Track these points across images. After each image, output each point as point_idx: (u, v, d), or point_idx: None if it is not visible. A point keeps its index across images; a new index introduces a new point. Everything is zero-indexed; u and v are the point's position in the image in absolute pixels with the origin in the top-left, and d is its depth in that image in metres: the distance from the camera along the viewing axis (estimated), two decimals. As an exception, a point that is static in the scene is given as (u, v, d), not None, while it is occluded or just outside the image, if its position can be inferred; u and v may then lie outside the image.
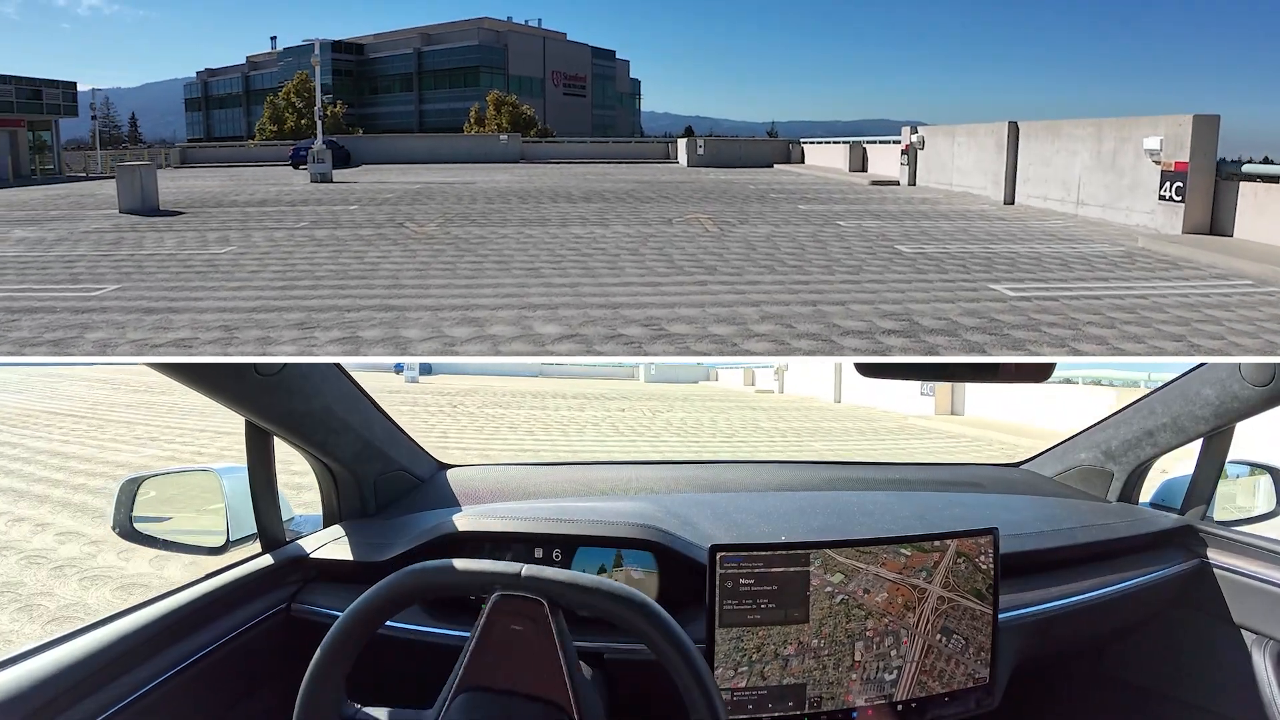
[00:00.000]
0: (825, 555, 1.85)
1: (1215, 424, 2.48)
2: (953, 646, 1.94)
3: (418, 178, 23.79)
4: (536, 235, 11.61)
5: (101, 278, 9.13)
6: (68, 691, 1.45)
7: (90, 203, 18.12)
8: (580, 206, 15.39)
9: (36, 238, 12.69)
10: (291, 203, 16.75)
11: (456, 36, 64.38)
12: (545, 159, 35.26)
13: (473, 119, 47.88)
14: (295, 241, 11.29)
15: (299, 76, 50.17)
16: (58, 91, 33.17)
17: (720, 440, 21.89)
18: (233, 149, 41.50)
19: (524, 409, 28.17)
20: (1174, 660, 2.55)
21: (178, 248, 11.06)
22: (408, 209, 15.13)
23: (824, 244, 10.87)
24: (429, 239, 11.28)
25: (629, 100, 76.73)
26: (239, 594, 1.91)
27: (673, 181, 22.11)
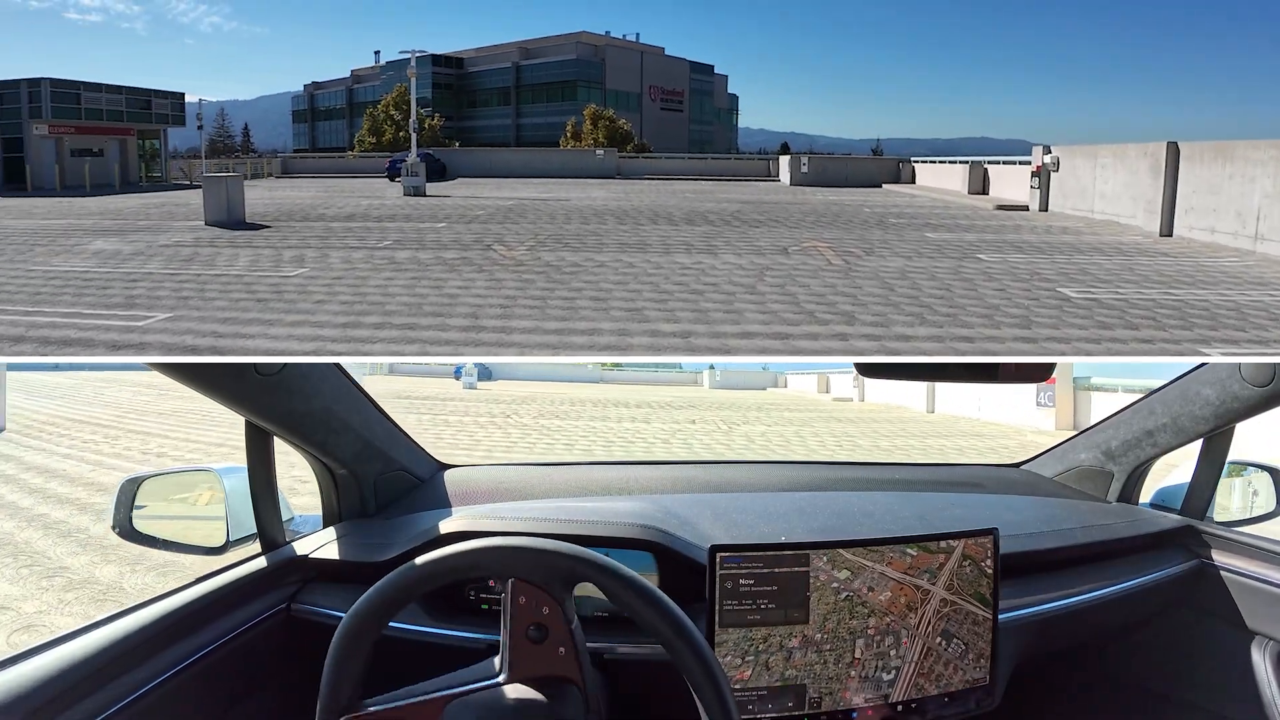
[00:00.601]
0: (834, 551, 1.83)
1: (1215, 424, 2.44)
2: (952, 651, 1.91)
3: (511, 193, 22.94)
4: (637, 264, 10.33)
5: (156, 303, 8.24)
6: (68, 691, 1.42)
7: (181, 213, 17.74)
8: (683, 230, 14.07)
9: (113, 250, 12.11)
10: (379, 218, 15.93)
11: (554, 51, 64.31)
12: (641, 175, 34.29)
13: (569, 133, 47.24)
14: (373, 264, 10.28)
15: (399, 89, 50.44)
16: (166, 102, 33.77)
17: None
18: (333, 160, 41.83)
19: (584, 419, 25.96)
20: (1174, 660, 2.51)
21: (248, 268, 10.18)
22: (498, 229, 14.08)
23: (972, 284, 9.28)
24: (518, 265, 10.12)
25: (726, 116, 75.52)
26: (239, 594, 1.87)
27: (779, 202, 20.66)
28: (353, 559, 2.06)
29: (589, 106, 48.96)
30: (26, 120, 29.10)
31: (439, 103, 57.29)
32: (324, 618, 1.90)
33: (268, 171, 36.25)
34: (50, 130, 29.26)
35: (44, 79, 29.40)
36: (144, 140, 32.99)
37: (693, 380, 60.71)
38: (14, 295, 8.96)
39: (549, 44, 65.32)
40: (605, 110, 48.00)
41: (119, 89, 31.92)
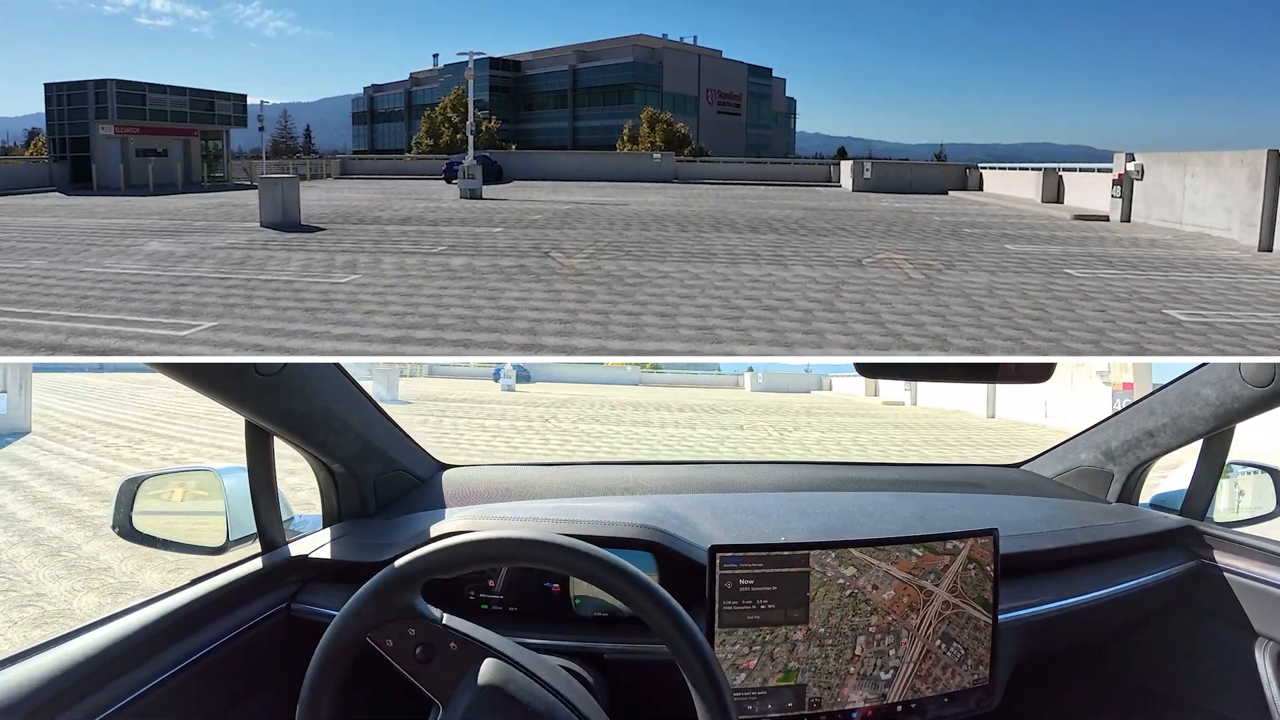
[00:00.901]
0: (843, 550, 1.83)
1: (1215, 424, 2.42)
2: (951, 655, 1.90)
3: (568, 197, 22.50)
4: (703, 275, 9.73)
5: (202, 310, 7.89)
6: (68, 691, 1.42)
7: (238, 214, 17.59)
8: (748, 238, 13.43)
9: (166, 252, 11.89)
10: (434, 222, 15.57)
11: (611, 54, 63.89)
12: (699, 179, 33.65)
13: (626, 136, 46.79)
14: (427, 271, 9.84)
15: (456, 92, 50.52)
16: (229, 103, 34.01)
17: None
18: (390, 161, 41.91)
19: (625, 424, 25.21)
20: (1174, 660, 2.49)
21: (299, 273, 9.82)
22: (555, 234, 13.60)
23: (1068, 304, 8.49)
24: (577, 275, 9.60)
25: (784, 120, 74.38)
26: (239, 594, 1.87)
27: (844, 209, 19.87)
28: (353, 559, 2.05)
29: (646, 110, 48.49)
30: (93, 120, 29.49)
31: (496, 105, 57.30)
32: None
33: (326, 172, 36.41)
34: (116, 130, 29.62)
35: (110, 80, 29.77)
36: (207, 141, 33.26)
37: (733, 383, 59.23)
38: (61, 299, 8.70)
39: (606, 47, 64.92)
40: (662, 113, 47.48)
41: (183, 90, 32.22)
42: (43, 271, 10.50)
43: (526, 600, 1.99)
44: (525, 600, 1.99)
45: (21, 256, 11.90)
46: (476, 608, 2.00)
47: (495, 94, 60.15)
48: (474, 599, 1.99)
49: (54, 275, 10.19)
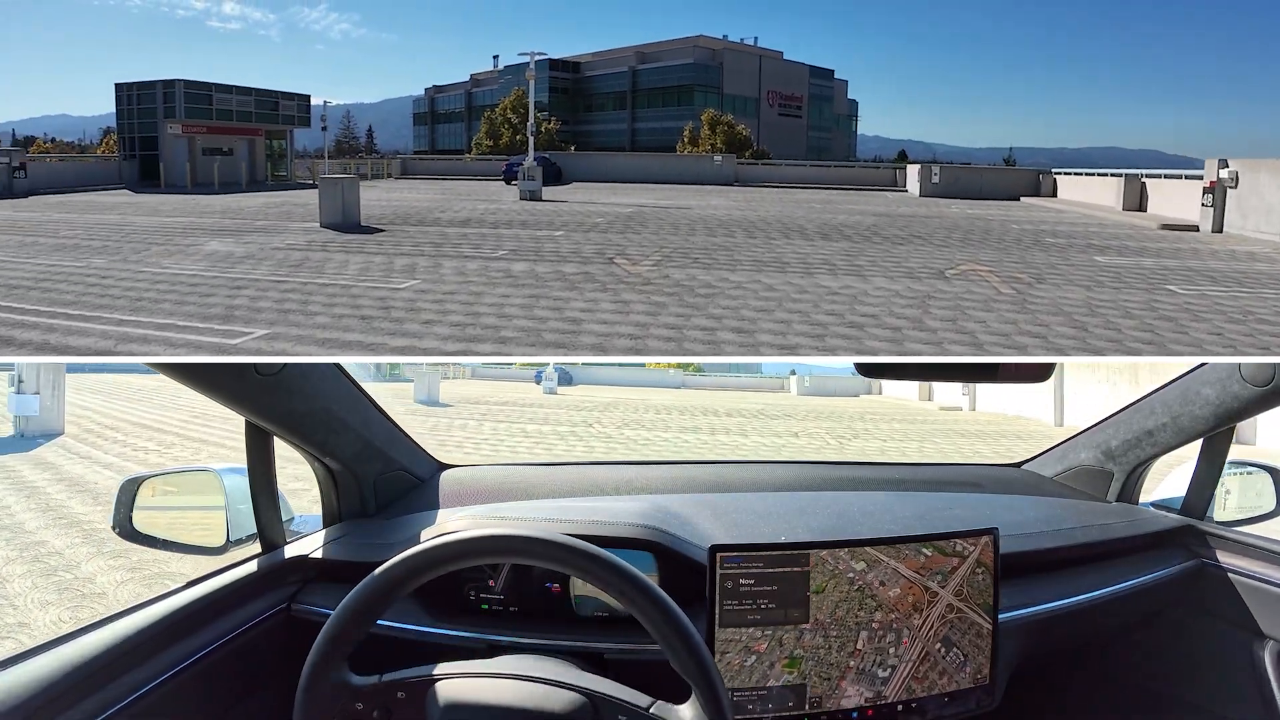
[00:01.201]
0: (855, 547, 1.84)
1: (1215, 424, 2.42)
2: (949, 660, 1.90)
3: (629, 199, 22.04)
4: (778, 287, 9.15)
5: (255, 317, 7.57)
6: (68, 691, 1.42)
7: (299, 213, 17.49)
8: (820, 246, 12.80)
9: (225, 253, 11.70)
10: (494, 224, 15.23)
11: (671, 55, 63.36)
12: (760, 182, 32.96)
13: (686, 138, 46.19)
14: (488, 277, 9.43)
15: (516, 93, 50.49)
16: (293, 103, 34.31)
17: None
18: (450, 162, 41.94)
19: (672, 429, 24.10)
20: (1174, 660, 2.49)
21: (357, 276, 9.50)
22: (618, 239, 13.13)
23: (1178, 324, 7.76)
24: (644, 284, 9.10)
25: (846, 122, 73.10)
26: (239, 594, 1.87)
27: (915, 215, 19.07)
28: (353, 559, 2.04)
29: (707, 111, 47.84)
30: (161, 120, 29.92)
31: (555, 106, 57.19)
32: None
33: (387, 172, 36.55)
34: (183, 130, 30.02)
35: (178, 80, 30.17)
36: (271, 140, 33.62)
37: (779, 385, 57.19)
38: (116, 300, 8.48)
39: (666, 48, 64.42)
40: (723, 115, 46.77)
41: (248, 90, 32.57)
42: (102, 271, 10.36)
43: (526, 600, 1.96)
44: (525, 600, 1.96)
45: (84, 255, 11.82)
46: (477, 608, 1.97)
47: (554, 95, 60.08)
48: (474, 599, 1.97)
49: (112, 275, 10.02)
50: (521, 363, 63.29)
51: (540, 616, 1.95)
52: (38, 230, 15.23)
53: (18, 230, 15.35)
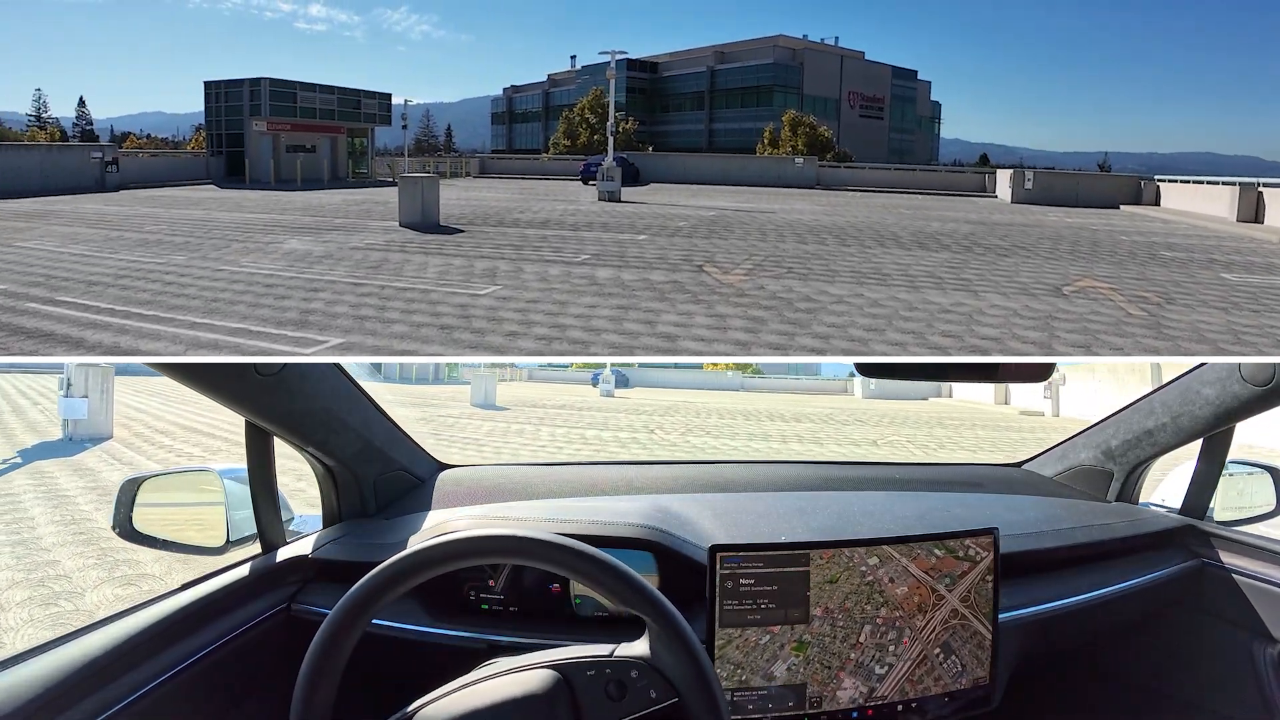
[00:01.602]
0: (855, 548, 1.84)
1: (1215, 424, 2.40)
2: (947, 667, 1.88)
3: (710, 202, 21.42)
4: (884, 303, 8.42)
5: (331, 323, 7.18)
6: (68, 692, 1.42)
7: (378, 212, 17.33)
8: (920, 256, 11.98)
9: (304, 251, 11.46)
10: (575, 226, 14.76)
11: (750, 55, 62.42)
12: (842, 185, 32.03)
13: (766, 140, 45.24)
14: (572, 284, 8.91)
15: (594, 92, 50.26)
16: (374, 102, 34.63)
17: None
18: (527, 161, 41.88)
19: (740, 436, 22.11)
20: (1174, 660, 2.47)
21: (436, 280, 9.08)
22: (704, 244, 12.51)
23: (1357, 352, 6.81)
24: (738, 295, 8.47)
25: (928, 124, 71.15)
26: (239, 594, 1.86)
27: (1012, 224, 18.02)
28: (353, 559, 2.02)
29: (788, 112, 46.82)
30: (247, 117, 30.42)
31: (632, 107, 56.81)
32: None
33: (466, 171, 36.64)
34: (268, 127, 30.46)
35: (264, 79, 30.62)
36: (353, 138, 33.96)
37: (841, 388, 54.93)
38: (191, 301, 8.21)
39: (745, 48, 63.51)
40: (805, 116, 45.70)
41: (331, 89, 32.93)
42: (180, 268, 10.17)
43: (526, 600, 1.94)
44: (525, 600, 1.95)
45: (165, 251, 11.71)
46: (477, 608, 1.98)
47: (631, 95, 59.73)
48: (474, 599, 1.97)
49: (190, 273, 9.82)
50: (578, 363, 63.17)
51: (540, 616, 1.94)
52: (124, 225, 15.32)
53: (105, 224, 15.48)
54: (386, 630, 1.83)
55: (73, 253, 11.76)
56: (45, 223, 15.94)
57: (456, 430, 20.75)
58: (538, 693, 1.34)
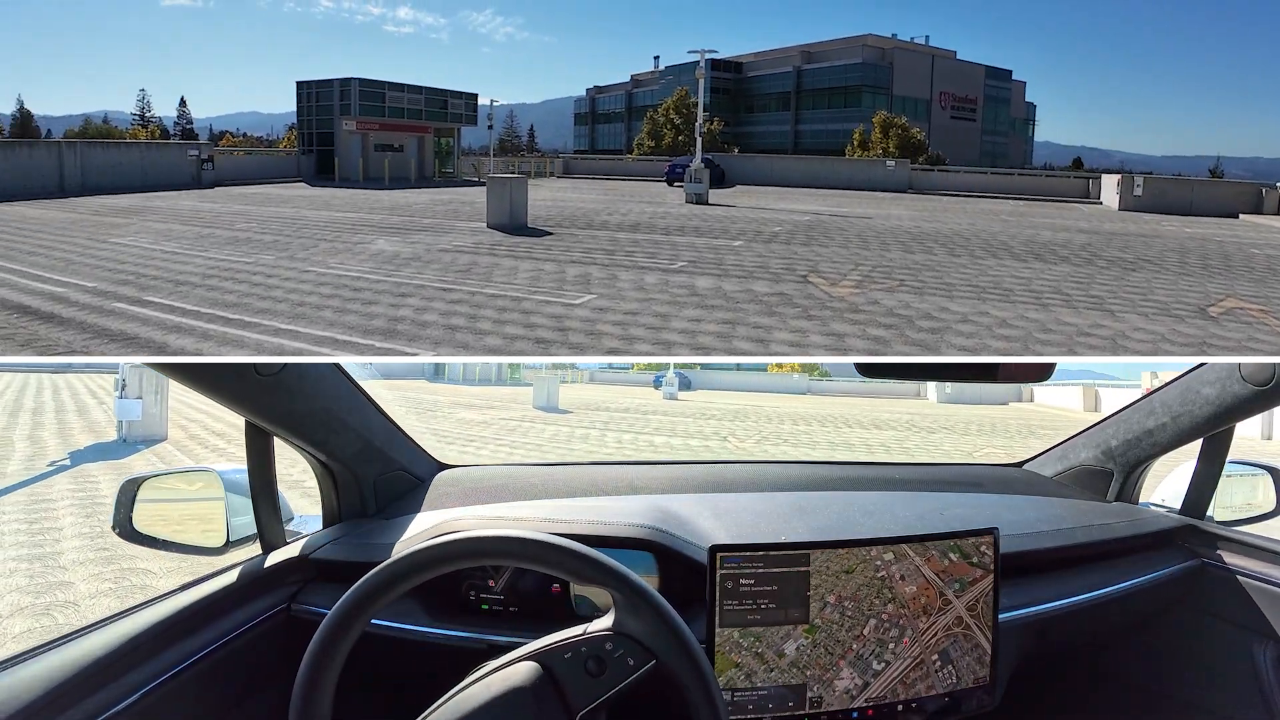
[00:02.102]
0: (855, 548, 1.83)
1: (1215, 424, 2.39)
2: (941, 676, 1.86)
3: (801, 205, 20.66)
4: (1013, 323, 7.64)
5: (420, 333, 6.78)
6: (69, 692, 1.41)
7: (465, 212, 17.09)
8: (1038, 269, 11.05)
9: (392, 252, 11.19)
10: (666, 230, 14.22)
11: (838, 55, 61.06)
12: (936, 189, 30.83)
13: (856, 141, 44.01)
14: (671, 295, 8.35)
15: (679, 93, 49.77)
16: (461, 102, 34.71)
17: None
18: (611, 162, 41.58)
19: (820, 446, 20.53)
20: (1174, 660, 2.46)
21: (528, 288, 8.63)
22: (804, 251, 11.83)
23: None
24: (852, 311, 7.79)
25: (1022, 126, 68.70)
26: (239, 594, 1.86)
27: (1127, 233, 16.80)
28: (353, 559, 2.01)
29: (879, 113, 45.52)
30: (337, 116, 30.72)
31: (716, 107, 56.01)
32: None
33: (550, 171, 36.54)
34: (358, 126, 30.72)
35: (354, 79, 30.89)
36: (439, 138, 34.11)
37: (914, 391, 51.96)
38: (277, 304, 7.92)
39: (833, 47, 62.17)
40: (896, 117, 44.36)
41: (419, 89, 33.09)
42: (268, 268, 9.97)
43: (527, 600, 1.93)
44: (525, 600, 1.93)
45: (253, 250, 11.58)
46: (477, 608, 1.97)
47: (715, 96, 58.96)
48: (474, 599, 1.95)
49: (278, 274, 9.59)
50: (640, 364, 62.54)
51: (540, 616, 1.90)
52: (215, 222, 15.36)
53: (198, 221, 15.55)
54: (386, 630, 1.82)
55: (165, 250, 11.72)
56: (141, 218, 16.14)
57: (519, 435, 20.41)
58: (521, 685, 1.34)
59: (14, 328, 7.30)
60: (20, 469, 12.90)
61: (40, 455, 14.44)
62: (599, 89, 75.01)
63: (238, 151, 37.30)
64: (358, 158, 30.28)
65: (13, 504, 10.09)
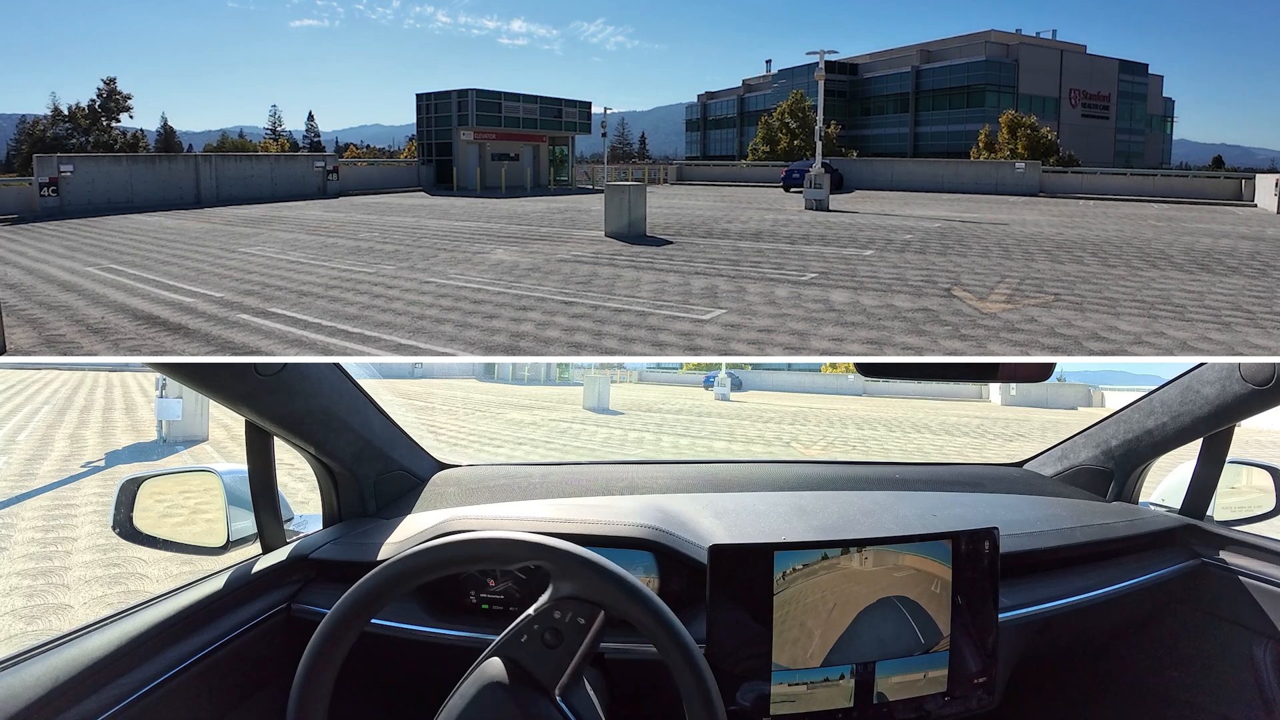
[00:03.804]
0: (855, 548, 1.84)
1: (1215, 424, 2.39)
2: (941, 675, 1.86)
3: (928, 211, 19.71)
4: (1194, 344, 6.77)
5: (543, 349, 6.46)
6: (69, 691, 1.42)
7: (582, 220, 16.95)
8: (1207, 281, 9.96)
9: (511, 263, 11.03)
10: (790, 238, 13.63)
11: (959, 52, 58.75)
12: (1070, 193, 29.10)
13: (981, 143, 42.12)
14: (806, 310, 7.80)
15: (794, 96, 48.86)
16: (575, 111, 34.97)
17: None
18: (725, 168, 41.05)
19: (894, 454, 19.42)
20: (1174, 660, 2.46)
21: (652, 302, 8.23)
22: (941, 261, 11.06)
23: None
24: (1008, 330, 7.07)
25: (1159, 124, 64.63)
26: (239, 594, 1.87)
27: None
28: (353, 559, 2.01)
29: (1006, 113, 43.48)
30: (455, 127, 31.38)
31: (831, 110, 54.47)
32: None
33: (663, 178, 36.35)
34: (475, 136, 31.28)
35: (470, 90, 31.46)
36: (554, 146, 34.41)
37: (976, 393, 49.61)
38: (398, 317, 7.77)
39: (954, 45, 59.88)
40: (1025, 117, 42.24)
41: (534, 99, 33.47)
42: (389, 279, 9.91)
43: (527, 601, 1.71)
44: (526, 600, 1.82)
45: (375, 260, 11.63)
46: (477, 608, 1.96)
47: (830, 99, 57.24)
48: (474, 600, 1.95)
49: (398, 285, 9.51)
50: (690, 364, 61.28)
51: None
52: (339, 232, 15.64)
53: (323, 231, 15.87)
54: (386, 630, 1.84)
55: (289, 260, 11.89)
56: (269, 228, 16.59)
57: (569, 437, 20.08)
58: (493, 681, 1.36)
59: (142, 339, 7.35)
60: (53, 470, 12.89)
61: (77, 455, 14.58)
62: (710, 94, 74.59)
63: (360, 162, 38.49)
64: (475, 167, 30.78)
65: (34, 509, 9.86)
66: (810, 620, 1.76)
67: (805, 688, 1.76)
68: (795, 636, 1.75)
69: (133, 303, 8.89)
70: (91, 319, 8.17)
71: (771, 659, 1.73)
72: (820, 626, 1.77)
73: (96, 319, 8.16)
